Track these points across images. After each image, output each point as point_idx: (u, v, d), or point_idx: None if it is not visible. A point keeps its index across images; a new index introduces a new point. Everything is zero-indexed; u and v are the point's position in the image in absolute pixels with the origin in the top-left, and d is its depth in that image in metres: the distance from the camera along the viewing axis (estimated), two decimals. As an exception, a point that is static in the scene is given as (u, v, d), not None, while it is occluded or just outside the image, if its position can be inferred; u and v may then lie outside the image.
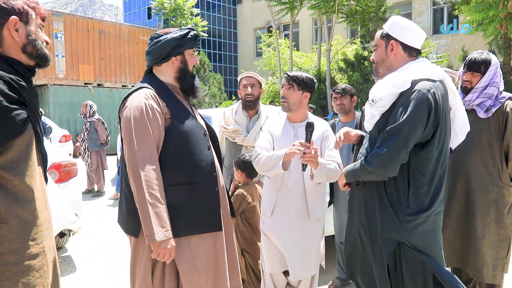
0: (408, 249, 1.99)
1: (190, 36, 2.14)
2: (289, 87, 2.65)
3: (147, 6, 30.45)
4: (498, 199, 2.76)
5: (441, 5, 19.70)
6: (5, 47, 1.58)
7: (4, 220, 1.49)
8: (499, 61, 11.25)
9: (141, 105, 1.99)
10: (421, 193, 1.98)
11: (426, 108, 1.92)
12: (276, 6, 16.21)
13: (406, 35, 2.11)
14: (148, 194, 1.91)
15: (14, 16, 1.57)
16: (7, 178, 1.50)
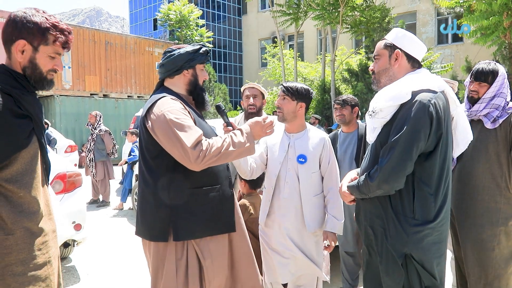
0: (415, 263, 1.98)
1: (202, 51, 2.26)
2: (284, 97, 2.66)
3: (153, 17, 30.72)
4: (506, 210, 2.72)
5: (445, 16, 19.74)
6: (12, 61, 1.66)
7: (11, 232, 1.53)
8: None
9: (173, 106, 2.06)
10: (426, 204, 1.96)
11: (428, 119, 1.91)
12: (281, 17, 16.30)
13: (411, 46, 2.14)
14: (226, 149, 2.02)
15: (22, 40, 1.61)
16: (13, 190, 1.54)
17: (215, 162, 2.02)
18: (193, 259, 2.12)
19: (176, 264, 2.10)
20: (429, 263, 1.98)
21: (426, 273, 1.99)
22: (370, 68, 2.26)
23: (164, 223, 2.09)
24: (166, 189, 2.09)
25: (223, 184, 2.24)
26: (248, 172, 2.59)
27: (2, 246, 1.51)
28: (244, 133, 2.13)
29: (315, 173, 2.68)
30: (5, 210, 1.52)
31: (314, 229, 2.66)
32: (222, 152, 2.01)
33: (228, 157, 2.06)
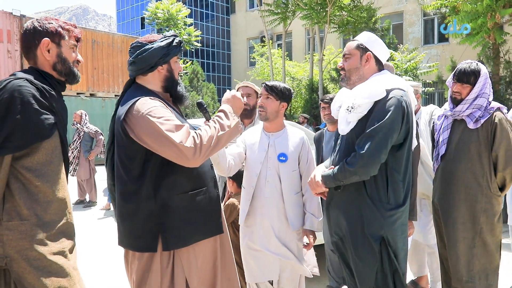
0: (388, 246, 2.19)
1: (175, 43, 2.10)
2: (267, 96, 2.68)
3: (141, 16, 30.52)
4: (487, 209, 2.77)
5: (431, 16, 19.95)
6: (39, 63, 1.81)
7: (26, 217, 1.63)
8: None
9: (154, 105, 1.92)
10: (397, 190, 2.21)
11: (401, 113, 2.15)
12: (269, 16, 16.31)
13: (380, 50, 2.36)
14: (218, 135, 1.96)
15: (46, 38, 1.78)
16: (31, 179, 1.64)
17: (212, 151, 1.93)
18: (179, 267, 2.04)
19: (161, 274, 2.02)
20: (398, 243, 2.22)
21: (399, 252, 2.21)
22: (339, 65, 2.42)
23: (153, 233, 1.97)
24: (152, 197, 1.96)
25: (209, 185, 2.14)
26: (226, 170, 2.58)
27: (17, 231, 1.61)
28: (227, 113, 2.06)
29: (295, 171, 2.71)
30: (23, 197, 1.62)
31: (298, 227, 2.69)
32: (215, 138, 1.92)
33: (221, 142, 1.96)
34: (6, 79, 1.65)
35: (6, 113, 1.59)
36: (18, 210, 1.62)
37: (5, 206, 1.61)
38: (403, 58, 13.18)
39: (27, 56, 1.82)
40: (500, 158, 2.73)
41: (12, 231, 1.61)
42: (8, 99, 1.59)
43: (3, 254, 1.60)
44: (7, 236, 1.60)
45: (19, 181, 1.63)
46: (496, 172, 2.78)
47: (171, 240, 1.99)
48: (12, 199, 1.62)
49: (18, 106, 1.59)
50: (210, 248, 2.16)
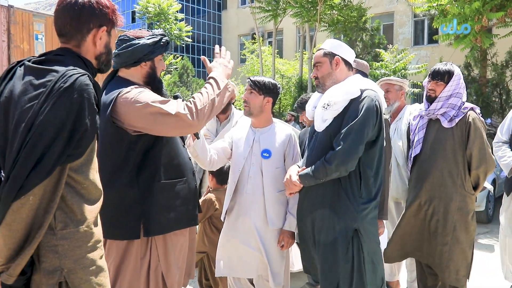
0: (360, 236, 2.29)
1: (162, 42, 2.14)
2: (251, 91, 2.66)
3: (131, 9, 30.30)
4: (462, 207, 2.82)
5: (421, 17, 20.08)
6: (83, 49, 1.59)
7: (80, 223, 1.48)
8: (475, 74, 11.58)
9: (140, 90, 1.98)
10: (369, 185, 2.32)
11: (375, 112, 2.27)
12: (260, 13, 16.30)
13: (345, 52, 2.48)
14: (211, 97, 2.00)
15: (105, 26, 1.60)
16: (80, 181, 1.49)
17: (210, 114, 2.00)
18: (155, 257, 2.08)
19: (137, 263, 2.06)
20: (369, 234, 2.33)
21: (370, 243, 2.32)
22: (312, 75, 2.52)
23: (135, 220, 2.03)
24: (135, 184, 2.03)
25: (188, 176, 2.22)
26: (207, 163, 2.58)
27: (74, 239, 1.46)
28: (216, 79, 2.11)
29: (279, 168, 2.68)
30: (75, 201, 1.47)
31: (277, 225, 2.66)
32: (209, 102, 1.99)
33: (216, 105, 2.03)
34: (69, 73, 1.42)
35: (77, 117, 1.39)
36: (71, 216, 1.46)
37: (57, 213, 1.43)
38: (392, 58, 13.25)
39: (68, 34, 1.56)
40: (474, 157, 2.79)
41: (68, 239, 1.45)
42: (79, 100, 1.40)
43: (59, 266, 1.43)
44: (62, 246, 1.44)
45: (68, 184, 1.45)
46: (470, 170, 2.83)
47: (151, 226, 2.04)
48: (63, 204, 1.45)
49: (87, 109, 1.42)
50: (185, 238, 2.21)
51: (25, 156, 1.32)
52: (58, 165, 1.37)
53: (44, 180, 1.35)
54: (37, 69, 1.47)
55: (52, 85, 1.39)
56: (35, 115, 1.35)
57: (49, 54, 1.55)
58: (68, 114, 1.38)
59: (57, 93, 1.37)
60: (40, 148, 1.33)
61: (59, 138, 1.36)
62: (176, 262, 2.15)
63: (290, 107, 16.56)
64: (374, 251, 2.35)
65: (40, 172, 1.33)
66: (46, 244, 1.42)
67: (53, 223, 1.43)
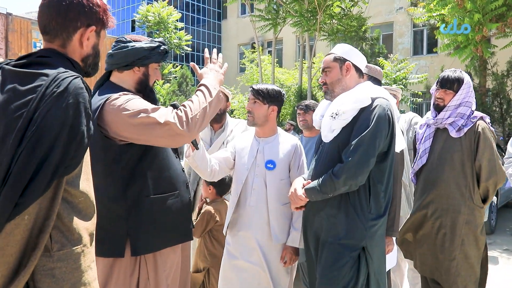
0: (368, 256, 2.14)
1: (160, 50, 2.04)
2: (255, 100, 2.54)
3: (131, 18, 30.38)
4: (470, 220, 2.71)
5: (421, 27, 20.12)
6: (69, 49, 1.44)
7: (77, 241, 1.34)
8: (475, 83, 11.54)
9: (128, 98, 1.85)
10: (379, 200, 2.18)
11: (387, 122, 2.14)
12: (260, 21, 16.31)
13: (357, 58, 2.35)
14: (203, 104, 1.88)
15: (94, 26, 1.45)
16: (75, 194, 1.35)
17: (201, 123, 1.85)
18: (144, 275, 1.95)
19: (125, 282, 1.93)
20: (377, 253, 2.19)
21: (377, 263, 2.17)
22: (320, 80, 2.38)
23: (120, 237, 1.90)
24: (121, 200, 1.90)
25: (181, 189, 2.09)
26: (208, 174, 2.46)
27: (72, 260, 1.32)
28: (208, 86, 1.97)
29: (284, 180, 2.55)
30: (71, 218, 1.33)
31: (281, 240, 2.52)
32: (201, 110, 1.85)
33: (207, 113, 1.89)
34: (61, 76, 1.29)
35: (73, 124, 1.26)
36: (68, 235, 1.32)
37: (52, 232, 1.28)
38: (392, 67, 13.21)
39: (53, 32, 1.42)
40: (484, 168, 2.67)
41: (66, 261, 1.31)
42: (74, 106, 1.27)
43: None
44: (60, 269, 1.29)
45: (64, 200, 1.32)
46: (479, 182, 2.72)
47: (139, 245, 1.91)
48: (59, 222, 1.31)
49: (83, 115, 1.29)
50: (175, 255, 2.08)
51: (18, 171, 1.18)
52: (55, 179, 1.24)
53: None
54: (21, 73, 1.31)
55: (44, 90, 1.24)
56: (25, 125, 1.20)
57: (32, 56, 1.39)
58: (64, 121, 1.24)
59: (50, 99, 1.23)
60: (35, 161, 1.19)
61: (55, 149, 1.22)
62: (166, 280, 2.02)
63: (290, 116, 16.48)
64: (380, 272, 2.20)
65: (36, 188, 1.20)
66: (42, 267, 1.27)
67: (49, 244, 1.28)
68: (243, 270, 2.54)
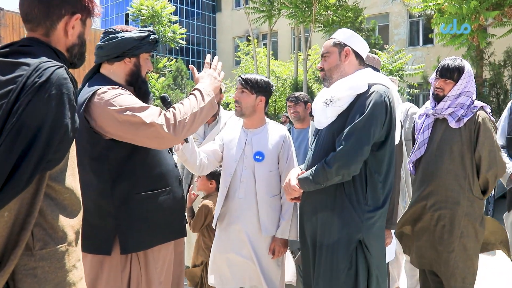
0: (365, 250, 2.06)
1: (150, 39, 1.97)
2: (242, 90, 2.48)
3: (125, 12, 30.11)
4: (469, 212, 2.65)
5: (417, 18, 20.03)
6: (53, 39, 1.38)
7: (61, 240, 1.29)
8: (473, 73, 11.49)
9: (116, 93, 1.78)
10: (376, 191, 2.09)
11: (384, 109, 2.04)
12: (254, 13, 16.18)
13: (358, 44, 2.25)
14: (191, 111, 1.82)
15: (79, 14, 1.39)
16: (60, 190, 1.30)
17: (190, 128, 1.80)
18: (136, 272, 1.90)
19: (115, 279, 1.87)
20: (375, 247, 2.09)
21: (376, 256, 2.08)
22: (318, 66, 2.29)
23: (108, 234, 1.85)
24: (110, 196, 1.85)
25: (173, 185, 2.03)
26: (197, 168, 2.40)
27: (55, 260, 1.27)
28: (202, 91, 1.92)
29: (273, 171, 2.51)
30: (55, 215, 1.28)
31: (271, 232, 2.49)
32: (190, 114, 1.79)
33: (197, 119, 1.83)
34: (44, 66, 1.23)
35: (56, 117, 1.20)
36: (51, 233, 1.27)
37: (35, 230, 1.23)
38: (388, 58, 13.14)
39: (35, 20, 1.36)
40: (484, 160, 2.60)
41: (48, 260, 1.26)
42: (58, 97, 1.21)
43: None
44: (42, 268, 1.24)
45: (48, 196, 1.27)
46: (478, 174, 2.65)
47: (129, 242, 1.86)
48: (42, 220, 1.25)
49: (67, 106, 1.23)
50: (170, 251, 2.03)
51: None
52: (37, 173, 1.18)
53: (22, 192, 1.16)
54: (1, 63, 1.25)
55: (24, 80, 1.18)
56: (4, 117, 1.14)
57: (14, 45, 1.32)
58: (46, 113, 1.18)
59: (32, 89, 1.17)
60: (15, 156, 1.13)
61: (37, 142, 1.16)
62: (158, 277, 1.97)
63: (285, 109, 16.42)
64: (379, 265, 2.11)
65: (16, 183, 1.14)
66: (23, 267, 1.21)
67: (30, 242, 1.22)
68: (233, 263, 2.51)
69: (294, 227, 2.50)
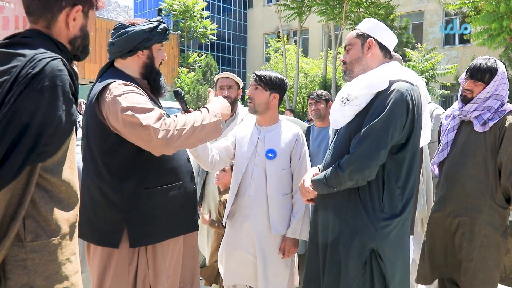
0: (379, 259, 1.92)
1: (160, 29, 1.96)
2: (256, 87, 2.45)
3: (157, 7, 30.52)
4: (491, 222, 2.49)
5: (453, 16, 19.43)
6: (54, 31, 1.38)
7: (54, 233, 1.28)
8: (509, 74, 11.02)
9: (127, 89, 1.78)
10: (394, 198, 1.93)
11: (405, 108, 1.88)
12: (285, 10, 16.09)
13: (383, 35, 2.09)
14: (192, 125, 1.78)
15: (80, 6, 1.39)
16: (55, 183, 1.30)
17: (184, 141, 1.76)
18: (143, 265, 1.91)
19: (122, 272, 1.87)
20: (392, 259, 1.94)
21: (393, 268, 1.93)
22: (341, 59, 2.16)
23: (117, 227, 1.85)
24: (119, 190, 1.84)
25: (184, 180, 2.01)
26: (209, 164, 2.38)
27: (46, 252, 1.26)
28: (210, 110, 1.88)
29: (285, 170, 2.46)
30: (49, 208, 1.27)
31: (281, 232, 2.44)
32: (189, 128, 1.75)
33: (196, 135, 1.79)
34: (38, 57, 1.22)
35: (49, 109, 1.20)
36: (44, 225, 1.26)
37: (27, 222, 1.23)
38: (420, 58, 12.78)
39: (36, 12, 1.36)
40: (504, 167, 2.44)
41: (39, 252, 1.25)
42: (50, 88, 1.20)
43: (28, 283, 1.22)
44: (33, 260, 1.23)
45: (42, 188, 1.26)
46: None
47: (138, 236, 1.87)
48: (34, 212, 1.25)
49: (61, 98, 1.22)
50: (179, 245, 2.03)
51: None
52: (27, 165, 1.18)
53: (11, 183, 1.16)
54: (0, 53, 1.26)
55: (18, 71, 1.18)
56: None
57: (16, 36, 1.34)
58: (38, 105, 1.18)
59: (24, 80, 1.17)
60: (4, 146, 1.13)
61: (27, 134, 1.16)
62: (167, 271, 1.96)
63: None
64: (401, 279, 1.95)
65: (6, 174, 1.14)
66: (13, 258, 1.21)
67: (22, 233, 1.22)
68: (243, 261, 2.48)
69: (306, 227, 2.45)
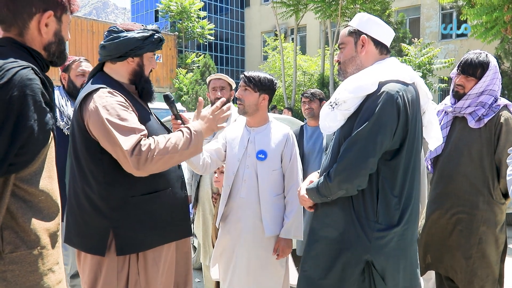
0: (375, 272, 1.81)
1: (154, 39, 1.94)
2: (245, 88, 2.45)
3: (154, 8, 30.48)
4: (488, 218, 2.49)
5: (449, 10, 19.41)
6: (27, 38, 1.36)
7: (34, 244, 1.27)
8: (506, 66, 11.03)
9: (110, 100, 1.77)
10: (391, 207, 1.80)
11: (395, 112, 1.75)
12: (281, 7, 16.08)
13: (377, 30, 1.95)
14: (172, 151, 1.75)
15: (50, 11, 1.36)
16: (34, 193, 1.28)
17: (161, 166, 1.76)
18: (134, 271, 1.88)
19: (112, 279, 1.85)
20: (391, 271, 1.81)
21: (391, 282, 1.81)
22: (335, 59, 2.07)
23: (104, 235, 1.82)
24: (105, 198, 1.81)
25: (174, 186, 1.98)
26: (200, 168, 2.38)
27: (26, 263, 1.24)
28: (192, 133, 1.86)
29: (276, 171, 2.46)
30: (27, 218, 1.25)
31: (274, 232, 2.44)
32: (168, 154, 1.73)
33: (174, 160, 1.79)
34: (6, 67, 1.20)
35: (19, 119, 1.17)
36: (23, 236, 1.24)
37: (4, 233, 1.22)
38: (416, 52, 12.77)
39: (6, 20, 1.33)
40: (504, 164, 2.41)
41: (19, 264, 1.23)
42: (19, 98, 1.17)
43: None
44: (12, 272, 1.21)
45: (20, 199, 1.24)
46: (499, 177, 2.49)
47: (125, 244, 1.84)
48: (13, 222, 1.23)
49: (31, 108, 1.20)
50: (171, 252, 2.01)
51: None
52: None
53: None
54: None
55: None
56: None
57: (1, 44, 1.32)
58: (7, 115, 1.16)
59: None
60: None
61: None
62: (160, 278, 1.94)
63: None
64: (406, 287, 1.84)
65: None
66: None
67: (0, 245, 1.21)
68: (237, 263, 2.47)
69: (300, 226, 2.46)
